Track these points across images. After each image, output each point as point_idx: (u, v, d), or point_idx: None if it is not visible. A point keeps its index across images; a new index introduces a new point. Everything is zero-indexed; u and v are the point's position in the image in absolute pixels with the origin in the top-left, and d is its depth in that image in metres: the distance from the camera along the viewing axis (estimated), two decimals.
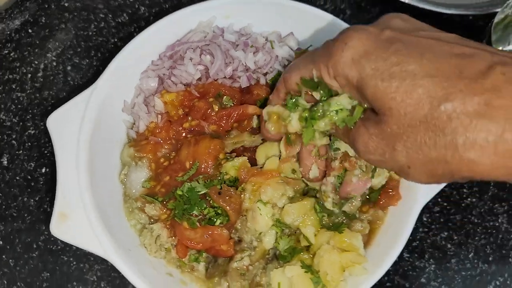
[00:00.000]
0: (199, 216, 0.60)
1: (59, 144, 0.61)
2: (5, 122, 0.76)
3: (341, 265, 0.59)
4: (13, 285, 0.68)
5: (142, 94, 0.67)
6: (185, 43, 0.67)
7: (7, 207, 0.72)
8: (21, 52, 0.81)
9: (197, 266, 0.63)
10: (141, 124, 0.65)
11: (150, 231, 0.62)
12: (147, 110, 0.66)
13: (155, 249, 0.62)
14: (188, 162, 0.62)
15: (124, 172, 0.66)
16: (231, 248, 0.62)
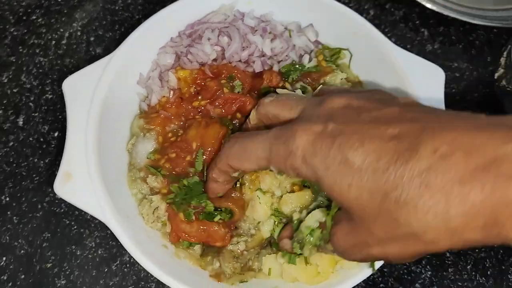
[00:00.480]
0: (197, 209, 0.60)
1: (71, 106, 0.62)
2: (25, 84, 0.79)
3: (333, 258, 0.59)
4: (15, 241, 0.70)
5: (158, 69, 0.68)
6: (204, 23, 0.68)
7: (17, 165, 0.74)
8: (48, 19, 0.83)
9: (192, 247, 0.64)
10: (153, 98, 0.66)
11: (149, 202, 0.63)
12: (160, 85, 0.67)
13: (152, 220, 0.63)
14: (196, 143, 0.62)
15: (131, 142, 0.67)
16: (226, 242, 0.62)
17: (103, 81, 0.63)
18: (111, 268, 0.70)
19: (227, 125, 0.63)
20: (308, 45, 0.70)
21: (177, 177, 0.62)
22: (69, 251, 0.70)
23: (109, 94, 0.63)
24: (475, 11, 0.83)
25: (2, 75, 0.79)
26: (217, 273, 0.61)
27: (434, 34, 0.85)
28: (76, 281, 0.69)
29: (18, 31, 0.82)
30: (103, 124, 0.62)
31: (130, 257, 0.70)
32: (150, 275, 0.69)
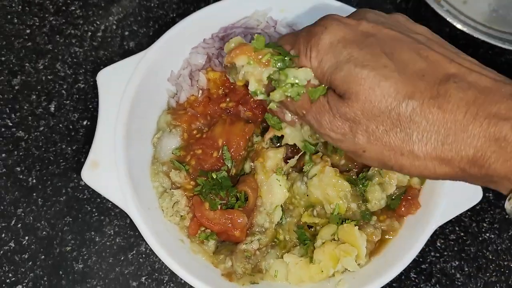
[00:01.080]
0: (223, 200, 0.63)
1: (104, 97, 0.64)
2: (59, 72, 0.81)
3: (334, 255, 0.60)
4: (38, 223, 0.73)
5: (188, 68, 0.70)
6: (238, 27, 0.70)
7: (46, 150, 0.77)
8: (86, 11, 0.86)
9: (207, 242, 0.66)
10: (182, 95, 0.69)
11: (170, 196, 0.65)
12: (190, 83, 0.69)
13: (171, 213, 0.65)
14: (221, 140, 0.64)
15: (157, 136, 0.69)
16: (243, 235, 0.64)
17: (136, 76, 0.65)
18: (127, 257, 0.72)
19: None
20: None
21: (205, 172, 0.65)
22: (89, 237, 0.73)
23: (140, 89, 0.66)
24: (505, 36, 0.84)
25: (38, 62, 0.82)
26: (229, 272, 0.63)
27: None
28: (93, 266, 0.71)
29: (56, 20, 0.85)
30: (132, 117, 0.65)
31: (147, 248, 0.72)
32: (164, 267, 0.71)
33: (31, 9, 0.85)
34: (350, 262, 0.59)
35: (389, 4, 0.88)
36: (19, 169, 0.75)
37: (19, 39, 0.83)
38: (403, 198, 0.64)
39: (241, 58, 0.53)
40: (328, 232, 0.63)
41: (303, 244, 0.64)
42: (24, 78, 0.81)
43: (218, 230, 0.63)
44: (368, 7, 0.86)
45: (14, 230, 0.72)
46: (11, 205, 0.74)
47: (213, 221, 0.62)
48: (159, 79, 0.70)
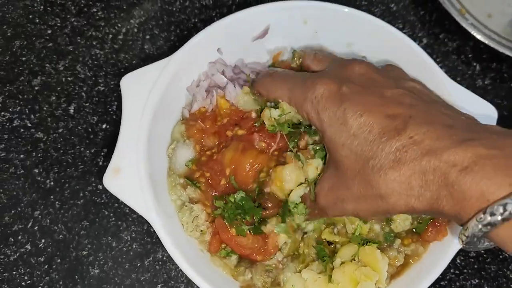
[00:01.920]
0: (250, 225, 0.61)
1: (127, 103, 0.64)
2: (79, 74, 0.81)
3: (354, 278, 0.59)
4: (55, 226, 0.72)
5: (208, 80, 0.69)
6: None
7: (64, 152, 0.76)
8: (108, 13, 0.85)
9: (229, 258, 0.64)
10: (195, 105, 0.68)
11: (190, 210, 0.64)
12: (205, 96, 0.68)
13: (191, 228, 0.64)
14: (229, 169, 0.63)
15: (172, 146, 0.68)
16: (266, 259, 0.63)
17: (160, 83, 0.64)
18: (144, 264, 0.71)
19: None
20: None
21: (219, 196, 0.63)
22: (105, 241, 0.72)
23: (163, 96, 0.65)
24: None
25: (59, 63, 0.81)
26: (248, 285, 0.62)
27: (486, 69, 0.85)
28: (109, 272, 0.71)
29: (78, 22, 0.84)
30: (154, 126, 0.64)
31: (163, 255, 0.72)
32: (180, 275, 0.70)
33: (53, 10, 0.85)
34: (370, 286, 0.58)
35: (412, 15, 0.87)
36: (37, 170, 0.75)
37: (40, 39, 0.83)
38: (431, 223, 0.62)
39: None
40: (349, 252, 0.61)
41: (322, 260, 0.63)
42: (45, 79, 0.80)
43: (248, 254, 0.62)
44: (391, 18, 0.86)
45: (31, 233, 0.72)
46: (28, 206, 0.73)
47: (245, 246, 0.61)
48: (180, 86, 0.69)
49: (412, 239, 0.63)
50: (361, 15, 0.70)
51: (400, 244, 0.63)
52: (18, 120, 0.78)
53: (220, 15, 0.86)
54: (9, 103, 0.78)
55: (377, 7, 0.88)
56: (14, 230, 0.72)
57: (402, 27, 0.87)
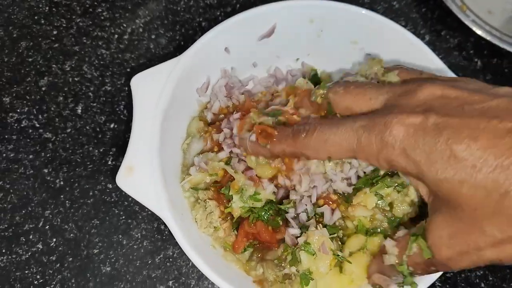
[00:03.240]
0: (279, 215, 0.62)
1: (138, 102, 0.64)
2: (86, 74, 0.81)
3: (366, 265, 0.60)
4: (65, 225, 0.73)
5: (225, 79, 0.70)
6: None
7: (73, 152, 0.77)
8: (113, 13, 0.86)
9: (242, 252, 0.65)
10: (216, 104, 0.69)
11: (204, 207, 0.65)
12: (226, 94, 0.69)
13: (205, 225, 0.64)
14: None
15: (187, 142, 0.69)
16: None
17: (171, 82, 0.65)
18: (155, 261, 0.72)
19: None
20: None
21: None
22: (116, 239, 0.73)
23: (174, 95, 0.66)
24: None
25: (65, 63, 0.82)
26: (260, 279, 0.63)
27: (487, 65, 0.86)
28: (120, 269, 0.72)
29: (83, 22, 0.85)
30: (166, 123, 0.65)
31: (174, 252, 0.73)
32: (191, 271, 0.71)
33: (58, 10, 0.85)
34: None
35: (414, 13, 0.89)
36: (46, 170, 0.76)
37: (46, 40, 0.83)
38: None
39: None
40: (357, 244, 0.62)
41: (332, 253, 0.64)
42: (51, 79, 0.81)
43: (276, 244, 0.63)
44: (394, 15, 0.88)
45: (42, 232, 0.73)
46: (39, 206, 0.74)
47: (274, 240, 0.62)
48: (191, 85, 0.70)
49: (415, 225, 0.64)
50: (365, 13, 0.71)
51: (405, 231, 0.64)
52: (26, 121, 0.78)
53: (225, 14, 0.87)
54: (17, 104, 0.79)
55: (380, 5, 0.89)
56: (25, 229, 0.73)
57: (405, 25, 0.88)
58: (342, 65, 0.77)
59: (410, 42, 0.70)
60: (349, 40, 0.75)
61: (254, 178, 0.61)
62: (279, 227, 0.62)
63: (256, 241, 0.63)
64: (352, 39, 0.74)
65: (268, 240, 0.61)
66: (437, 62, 0.69)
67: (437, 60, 0.69)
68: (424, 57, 0.70)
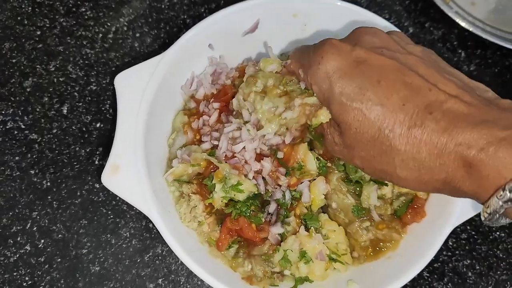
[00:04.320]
0: (263, 212, 0.63)
1: (122, 101, 0.64)
2: (71, 74, 0.81)
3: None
4: (53, 225, 0.73)
5: (213, 66, 0.71)
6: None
7: (59, 152, 0.77)
8: (96, 12, 0.85)
9: (228, 249, 0.65)
10: (200, 90, 0.70)
11: (187, 201, 0.65)
12: (210, 82, 0.70)
13: (189, 219, 0.65)
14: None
15: (172, 136, 0.69)
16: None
17: (154, 80, 0.65)
18: (144, 259, 0.72)
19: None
20: None
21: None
22: (104, 239, 0.73)
23: (158, 92, 0.66)
24: None
25: (50, 63, 0.81)
26: (249, 276, 0.63)
27: (471, 56, 0.87)
28: (109, 268, 0.72)
29: (67, 22, 0.84)
30: (150, 120, 0.65)
31: (163, 250, 0.73)
32: (180, 268, 0.72)
33: (41, 10, 0.85)
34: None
35: (398, 5, 0.89)
36: (33, 171, 0.75)
37: (29, 40, 0.83)
38: (410, 206, 0.65)
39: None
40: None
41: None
42: (36, 80, 0.80)
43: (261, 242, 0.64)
44: (377, 8, 0.88)
45: (30, 233, 0.73)
46: (26, 208, 0.74)
47: (259, 237, 0.62)
48: (175, 81, 0.70)
49: (387, 225, 0.65)
50: (348, 6, 0.72)
51: (369, 225, 0.65)
52: (11, 122, 0.78)
53: (209, 11, 0.87)
54: (1, 106, 0.78)
55: None
56: (13, 231, 0.72)
57: (389, 17, 0.88)
58: None
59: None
60: (333, 34, 0.75)
61: (238, 166, 0.61)
62: (261, 224, 0.62)
63: (240, 237, 0.63)
64: (336, 32, 0.75)
65: (251, 237, 0.62)
66: None
67: None
68: None
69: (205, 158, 0.63)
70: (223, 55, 0.74)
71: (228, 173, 0.61)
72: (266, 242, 0.64)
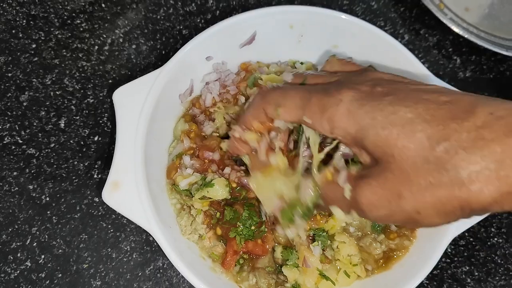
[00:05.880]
0: (261, 224, 0.63)
1: (121, 116, 0.64)
2: (67, 88, 0.81)
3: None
4: (53, 241, 0.73)
5: (218, 74, 0.72)
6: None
7: (58, 167, 0.76)
8: (92, 24, 0.85)
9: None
10: (208, 97, 0.71)
11: (188, 212, 0.66)
12: (220, 87, 0.71)
13: (190, 231, 0.65)
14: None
15: (173, 145, 0.70)
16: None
17: (152, 95, 0.65)
18: (145, 273, 0.72)
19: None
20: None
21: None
22: (105, 253, 0.73)
23: (157, 106, 0.66)
24: (508, 43, 0.85)
25: (46, 77, 0.81)
26: None
27: (466, 62, 0.87)
28: (111, 283, 0.71)
29: (62, 34, 0.84)
30: (150, 134, 0.65)
31: (164, 263, 0.73)
32: (181, 281, 0.72)
33: (36, 23, 0.84)
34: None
35: (393, 12, 0.89)
36: (31, 187, 0.75)
37: (25, 54, 0.82)
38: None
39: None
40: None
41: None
42: (32, 94, 0.80)
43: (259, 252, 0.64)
44: (373, 16, 0.88)
45: (30, 249, 0.72)
46: (25, 223, 0.73)
47: (258, 252, 0.62)
48: (174, 93, 0.70)
49: (398, 234, 0.66)
50: (344, 17, 0.72)
51: (383, 238, 0.65)
52: (8, 137, 0.77)
53: (205, 21, 0.86)
54: None
55: (359, 6, 0.89)
56: (13, 247, 0.72)
57: (384, 25, 0.88)
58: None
59: (389, 44, 0.71)
60: (329, 44, 0.75)
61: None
62: (265, 235, 0.62)
63: (246, 254, 0.64)
64: (332, 43, 0.75)
65: (261, 253, 0.62)
66: (416, 63, 0.70)
67: (416, 61, 0.70)
68: (403, 59, 0.71)
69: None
70: (226, 61, 0.74)
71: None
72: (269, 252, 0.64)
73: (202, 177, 0.63)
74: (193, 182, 0.63)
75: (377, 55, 0.72)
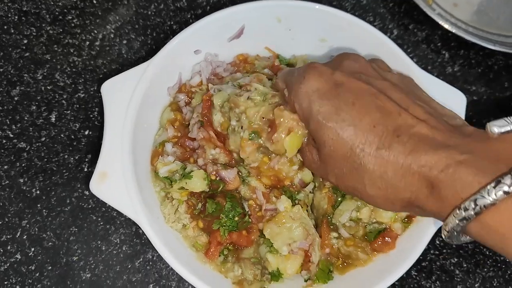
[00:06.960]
0: (244, 216, 0.64)
1: (109, 109, 0.65)
2: (58, 82, 0.81)
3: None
4: (43, 233, 0.73)
5: (208, 63, 0.73)
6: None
7: (48, 160, 0.77)
8: (83, 20, 0.86)
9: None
10: (195, 78, 0.72)
11: (171, 201, 0.66)
12: (210, 72, 0.72)
13: (173, 220, 0.65)
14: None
15: (159, 133, 0.70)
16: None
17: (140, 87, 0.66)
18: (135, 265, 0.73)
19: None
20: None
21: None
22: (95, 246, 0.73)
23: (145, 99, 0.66)
24: (495, 37, 0.86)
25: (37, 72, 0.82)
26: (240, 280, 0.64)
27: (454, 56, 0.88)
28: (100, 275, 0.72)
29: (53, 30, 0.85)
30: (138, 125, 0.65)
31: (153, 255, 0.73)
32: (171, 273, 0.72)
33: (27, 19, 0.85)
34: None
35: (382, 8, 0.90)
36: (22, 180, 0.76)
37: (16, 49, 0.83)
38: (381, 234, 0.65)
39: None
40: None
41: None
42: (23, 89, 0.81)
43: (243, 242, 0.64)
44: (362, 11, 0.89)
45: (20, 242, 0.73)
46: (15, 216, 0.74)
47: (242, 243, 0.63)
48: (163, 86, 0.71)
49: (356, 245, 0.66)
50: (332, 11, 0.72)
51: (337, 237, 0.66)
52: None
53: (195, 17, 0.87)
54: None
55: (348, 1, 0.90)
56: (3, 240, 0.73)
57: (373, 20, 0.89)
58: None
59: (376, 39, 0.72)
60: (317, 38, 0.76)
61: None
62: (250, 225, 0.63)
63: (231, 245, 0.64)
64: (320, 37, 0.76)
65: (245, 244, 0.62)
66: (403, 57, 0.71)
67: (403, 55, 0.71)
68: (391, 53, 0.71)
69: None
70: (218, 53, 0.75)
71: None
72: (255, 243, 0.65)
73: (182, 166, 0.64)
74: (173, 170, 0.64)
75: (365, 49, 0.73)
